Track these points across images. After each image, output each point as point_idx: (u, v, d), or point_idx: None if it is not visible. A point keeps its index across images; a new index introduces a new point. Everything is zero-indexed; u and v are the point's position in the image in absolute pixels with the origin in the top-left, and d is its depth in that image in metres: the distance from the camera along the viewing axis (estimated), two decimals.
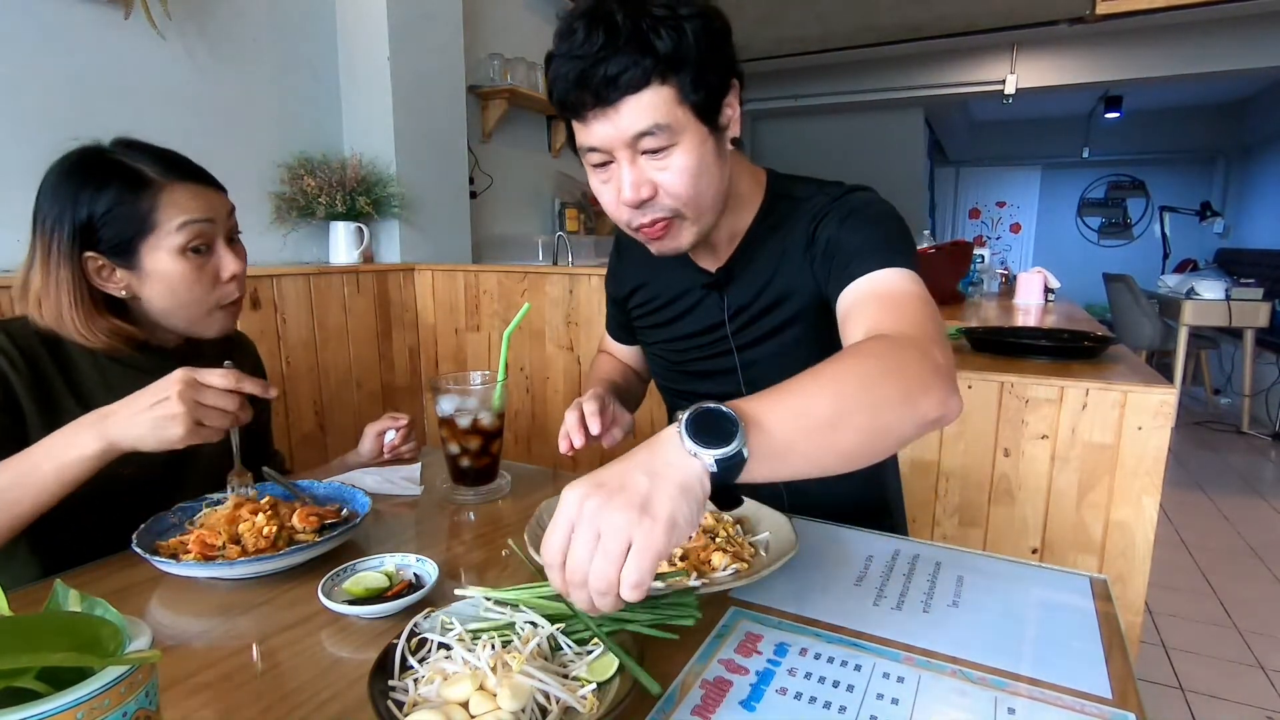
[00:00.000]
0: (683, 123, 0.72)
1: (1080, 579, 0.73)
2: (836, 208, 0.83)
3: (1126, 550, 1.38)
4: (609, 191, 0.78)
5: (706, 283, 0.92)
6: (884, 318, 0.68)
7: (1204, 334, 4.59)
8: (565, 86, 0.72)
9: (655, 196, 0.76)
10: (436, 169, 2.51)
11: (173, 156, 0.89)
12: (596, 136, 0.73)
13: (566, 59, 0.71)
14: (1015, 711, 0.52)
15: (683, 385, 1.03)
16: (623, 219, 0.79)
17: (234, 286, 0.92)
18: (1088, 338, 1.74)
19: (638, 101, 0.70)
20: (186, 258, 0.87)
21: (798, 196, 0.88)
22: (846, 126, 6.37)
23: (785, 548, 0.70)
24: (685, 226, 0.80)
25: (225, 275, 0.91)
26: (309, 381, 2.03)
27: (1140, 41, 4.75)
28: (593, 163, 0.77)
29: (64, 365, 0.88)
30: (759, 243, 0.89)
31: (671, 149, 0.73)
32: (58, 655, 0.34)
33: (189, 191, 0.87)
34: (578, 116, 0.74)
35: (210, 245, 0.89)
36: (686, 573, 0.67)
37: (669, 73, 0.70)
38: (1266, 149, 6.66)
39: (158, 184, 0.85)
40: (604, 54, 0.68)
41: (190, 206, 0.86)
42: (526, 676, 0.48)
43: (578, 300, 2.15)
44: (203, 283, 0.89)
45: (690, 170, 0.74)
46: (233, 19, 2.01)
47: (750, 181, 0.89)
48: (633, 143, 0.72)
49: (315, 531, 0.78)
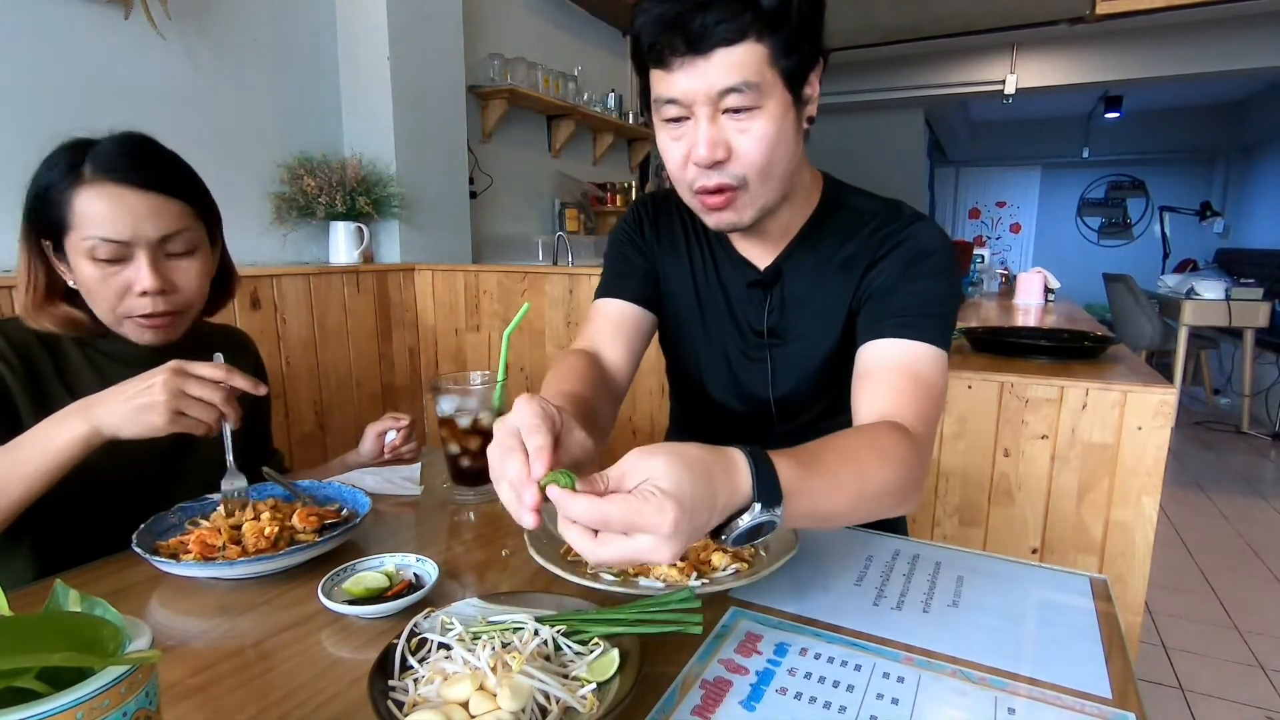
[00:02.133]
0: (770, 86, 0.70)
1: (1080, 579, 0.73)
2: (908, 241, 0.82)
3: (1126, 550, 1.38)
4: (679, 149, 0.74)
5: (753, 280, 0.90)
6: (906, 405, 0.72)
7: (1204, 334, 4.59)
8: (656, 29, 0.68)
9: (728, 160, 0.73)
10: (436, 169, 2.51)
11: (128, 154, 0.83)
12: (679, 88, 0.70)
13: (661, 1, 0.67)
14: (1015, 711, 0.52)
15: (700, 384, 1.00)
16: (687, 178, 0.76)
17: (146, 302, 0.84)
18: (1088, 338, 1.75)
19: (730, 55, 0.67)
20: (93, 264, 0.82)
21: (857, 207, 0.86)
22: (846, 126, 6.38)
23: (785, 548, 0.70)
24: (749, 200, 0.76)
25: (136, 290, 0.83)
26: (309, 381, 2.03)
27: (1140, 41, 4.75)
28: (667, 116, 0.73)
29: (60, 363, 0.88)
30: (813, 243, 0.87)
31: (755, 111, 0.70)
32: (58, 655, 0.34)
33: (111, 199, 0.80)
34: (662, 64, 0.70)
35: (126, 258, 0.83)
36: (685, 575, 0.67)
37: (766, 31, 0.68)
38: (1266, 149, 6.67)
39: (84, 179, 0.80)
40: (704, 1, 0.66)
41: (102, 219, 0.80)
42: (526, 676, 0.48)
43: (578, 300, 2.15)
44: (108, 292, 0.83)
45: (770, 138, 0.72)
46: (233, 19, 2.01)
47: (809, 177, 0.87)
48: (717, 99, 0.69)
49: (315, 531, 0.78)
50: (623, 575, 0.68)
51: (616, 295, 0.95)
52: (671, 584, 0.66)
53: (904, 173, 6.54)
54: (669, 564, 0.49)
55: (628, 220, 1.00)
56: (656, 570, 0.68)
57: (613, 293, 0.96)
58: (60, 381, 0.87)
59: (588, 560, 0.52)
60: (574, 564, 0.71)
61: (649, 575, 0.68)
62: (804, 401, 0.92)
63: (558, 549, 0.74)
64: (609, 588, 0.65)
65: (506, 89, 2.86)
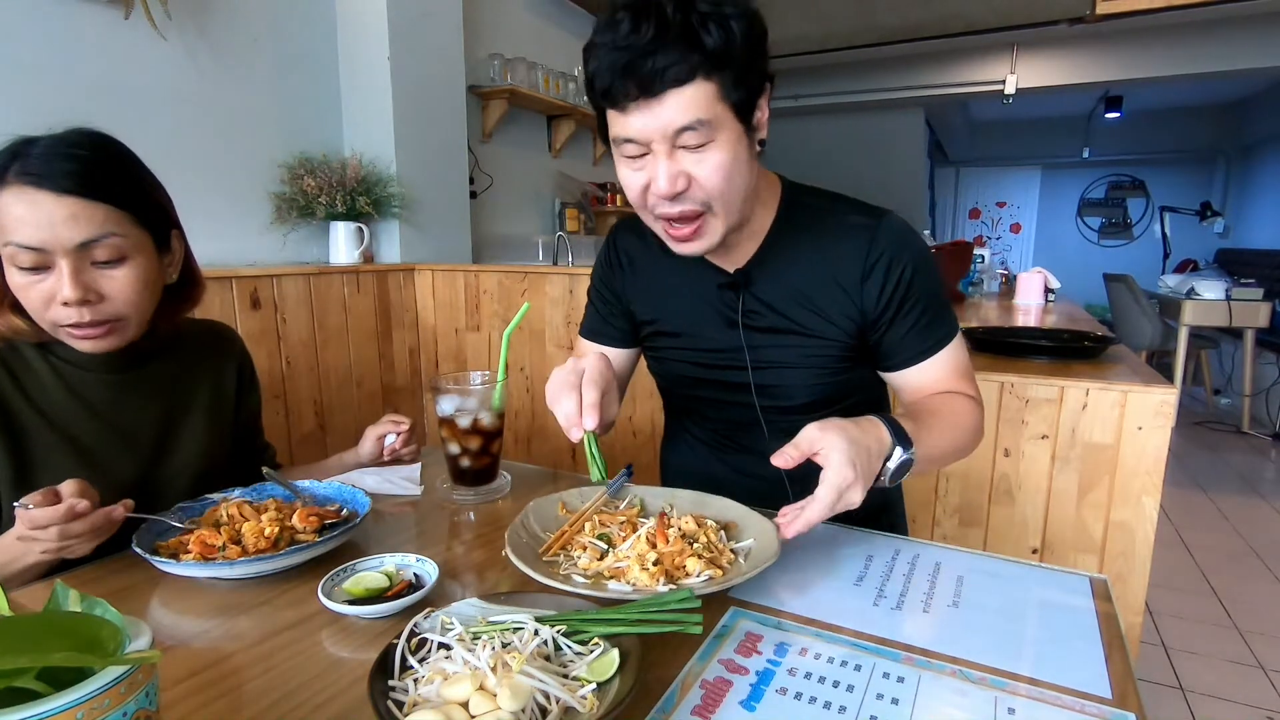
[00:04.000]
0: (722, 119, 0.73)
1: (1080, 579, 0.73)
2: (895, 251, 0.85)
3: (1126, 550, 1.38)
4: (638, 179, 0.78)
5: (724, 282, 0.92)
6: (968, 385, 0.90)
7: (1204, 334, 4.59)
8: (609, 76, 0.72)
9: (689, 189, 0.76)
10: (436, 169, 2.51)
11: (52, 156, 0.78)
12: (634, 128, 0.73)
13: (611, 49, 0.71)
14: (1015, 711, 0.52)
15: (689, 390, 1.01)
16: (649, 206, 0.79)
17: (71, 312, 0.78)
18: (1088, 338, 1.74)
19: (681, 95, 0.71)
20: (19, 271, 0.78)
21: (816, 206, 0.90)
22: (846, 126, 6.37)
23: (767, 555, 0.70)
24: (714, 223, 0.80)
25: (59, 299, 0.78)
26: (309, 381, 2.03)
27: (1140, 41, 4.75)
28: (627, 154, 0.77)
29: (18, 375, 0.85)
30: (780, 244, 0.89)
31: (709, 145, 0.74)
32: (58, 655, 0.35)
33: (27, 203, 0.76)
34: (617, 106, 0.74)
35: (48, 265, 0.78)
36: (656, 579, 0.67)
37: (714, 69, 0.71)
38: (1266, 149, 6.66)
39: (6, 182, 0.76)
40: (652, 46, 0.69)
41: (18, 224, 0.76)
42: (526, 676, 0.48)
43: (578, 300, 2.14)
44: (34, 301, 0.79)
45: (725, 166, 0.75)
46: (233, 19, 2.01)
47: (765, 183, 0.90)
48: (672, 136, 0.73)
49: (315, 531, 0.78)
50: (594, 579, 0.69)
51: (597, 341, 1.05)
52: (641, 588, 0.66)
53: (904, 173, 6.53)
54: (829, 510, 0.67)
55: (600, 255, 1.06)
56: (628, 575, 0.68)
57: (594, 338, 1.06)
58: (20, 393, 0.84)
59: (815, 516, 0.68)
60: (549, 565, 0.72)
61: (620, 579, 0.68)
62: (788, 394, 0.94)
63: (535, 550, 0.75)
64: (580, 590, 0.65)
65: (506, 89, 2.86)
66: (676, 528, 0.74)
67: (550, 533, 0.79)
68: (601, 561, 0.71)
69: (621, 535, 0.75)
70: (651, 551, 0.70)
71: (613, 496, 0.88)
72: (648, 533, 0.73)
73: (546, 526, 0.81)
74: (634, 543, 0.72)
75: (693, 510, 0.82)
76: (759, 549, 0.74)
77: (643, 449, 2.08)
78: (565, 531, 0.78)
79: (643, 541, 0.72)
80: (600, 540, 0.74)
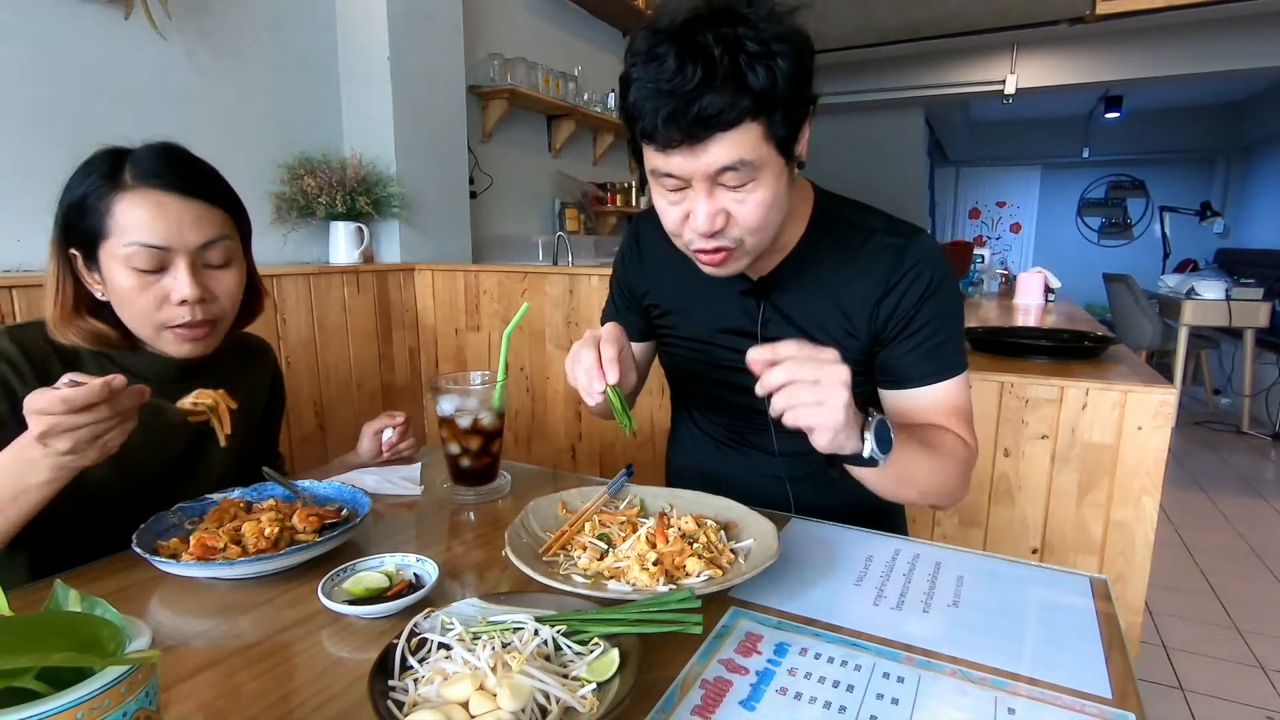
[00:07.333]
0: (765, 159, 0.71)
1: (1080, 579, 0.73)
2: (918, 271, 0.83)
3: (1126, 550, 1.38)
4: (677, 211, 0.76)
5: (745, 289, 0.91)
6: (963, 428, 0.86)
7: (1204, 334, 4.59)
8: (652, 119, 0.69)
9: (726, 226, 0.75)
10: (436, 169, 2.51)
11: (169, 161, 0.83)
12: (675, 165, 0.72)
13: (656, 92, 0.68)
14: (1015, 711, 0.52)
15: (697, 389, 1.01)
16: (684, 238, 0.78)
17: (184, 311, 0.83)
18: (1088, 338, 1.74)
19: (725, 138, 0.69)
20: (132, 272, 0.81)
21: (851, 220, 0.88)
22: (846, 126, 6.38)
23: (767, 556, 0.70)
24: (745, 254, 0.79)
25: (174, 299, 0.82)
26: (309, 381, 2.03)
27: (1140, 41, 4.75)
28: (666, 187, 0.75)
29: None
30: (808, 256, 0.88)
31: (750, 184, 0.73)
32: (58, 655, 0.35)
33: (152, 205, 0.80)
34: (657, 145, 0.71)
35: (165, 266, 0.82)
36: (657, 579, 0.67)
37: (760, 112, 0.68)
38: (1266, 149, 6.67)
39: (125, 185, 0.80)
40: (699, 92, 0.66)
41: (143, 226, 0.79)
42: (526, 676, 0.48)
43: (578, 300, 2.15)
44: (146, 301, 0.82)
45: (766, 204, 0.74)
46: (233, 19, 2.01)
47: (799, 195, 0.88)
48: (714, 175, 0.71)
49: (315, 531, 0.78)
50: (594, 579, 0.69)
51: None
52: (641, 589, 0.66)
53: (904, 173, 6.54)
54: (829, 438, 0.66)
55: (623, 246, 1.05)
56: (628, 575, 0.68)
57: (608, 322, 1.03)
58: None
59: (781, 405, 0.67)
60: (549, 565, 0.72)
61: (620, 579, 0.68)
62: None
63: (535, 550, 0.74)
64: (580, 590, 0.65)
65: (506, 89, 2.86)
66: (676, 528, 0.74)
67: (550, 533, 0.79)
68: (601, 561, 0.71)
69: (621, 535, 0.75)
70: (651, 551, 0.70)
71: (613, 496, 0.88)
72: (647, 533, 0.73)
73: (546, 526, 0.81)
74: (634, 543, 0.72)
75: (693, 510, 0.82)
76: (759, 549, 0.74)
77: (643, 449, 2.08)
78: (565, 531, 0.78)
79: (643, 541, 0.72)
80: (600, 540, 0.75)
